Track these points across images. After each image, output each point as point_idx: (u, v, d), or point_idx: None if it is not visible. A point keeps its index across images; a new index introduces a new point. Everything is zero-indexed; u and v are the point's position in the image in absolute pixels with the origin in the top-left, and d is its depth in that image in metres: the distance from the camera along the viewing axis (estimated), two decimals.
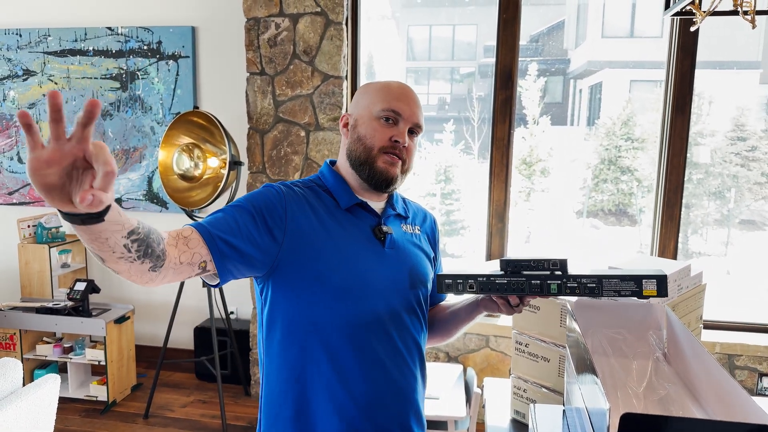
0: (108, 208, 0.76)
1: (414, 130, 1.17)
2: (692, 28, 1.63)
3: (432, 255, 1.28)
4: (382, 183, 1.14)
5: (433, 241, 1.31)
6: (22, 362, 3.02)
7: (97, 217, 0.76)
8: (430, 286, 1.25)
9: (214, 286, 1.06)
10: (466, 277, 1.04)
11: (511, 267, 1.03)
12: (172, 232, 0.97)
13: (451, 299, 1.31)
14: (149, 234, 0.88)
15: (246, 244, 1.02)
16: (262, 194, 1.10)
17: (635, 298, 0.98)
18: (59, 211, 0.74)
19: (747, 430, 0.63)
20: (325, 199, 1.15)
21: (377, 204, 1.20)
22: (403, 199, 1.30)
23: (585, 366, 0.91)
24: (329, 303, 1.08)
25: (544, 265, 1.02)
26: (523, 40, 2.90)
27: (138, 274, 0.89)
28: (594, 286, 0.97)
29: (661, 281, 0.95)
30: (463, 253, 5.42)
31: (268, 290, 1.12)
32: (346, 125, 1.20)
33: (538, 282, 0.99)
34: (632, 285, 0.95)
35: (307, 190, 1.16)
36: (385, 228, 1.16)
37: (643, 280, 0.95)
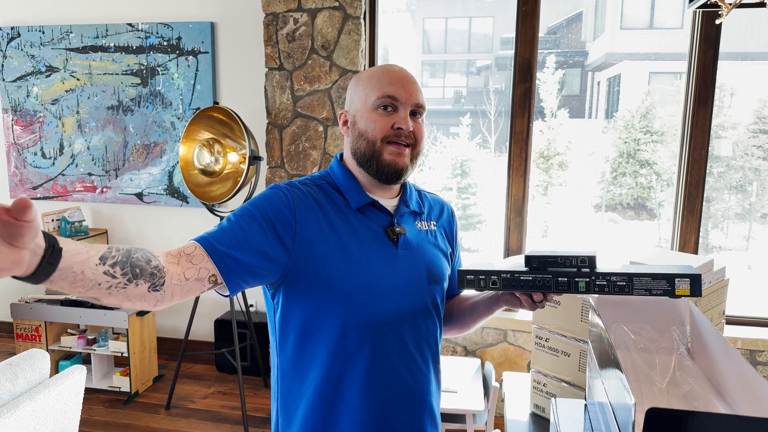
0: (53, 251, 0.71)
1: (416, 111, 1.11)
2: (718, 21, 1.61)
3: (449, 251, 1.24)
4: (393, 175, 1.10)
5: (451, 235, 1.27)
6: (48, 353, 3.09)
7: (51, 267, 0.71)
8: (446, 284, 1.21)
9: (225, 296, 1.03)
10: (489, 273, 1.00)
11: (537, 263, 0.99)
12: (173, 251, 0.93)
13: (470, 291, 1.27)
14: (130, 254, 0.83)
15: (255, 257, 0.99)
16: (269, 199, 1.05)
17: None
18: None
19: None
20: (336, 198, 1.11)
21: (390, 201, 1.16)
22: (419, 192, 1.25)
23: (608, 361, 0.91)
24: (340, 308, 1.05)
25: (572, 262, 0.97)
26: (541, 32, 2.88)
27: (139, 298, 0.85)
28: (624, 285, 0.92)
29: (695, 280, 0.90)
30: (480, 247, 5.40)
31: (279, 296, 1.09)
32: (345, 123, 1.15)
33: (566, 279, 0.95)
34: (664, 284, 0.91)
35: (316, 188, 1.11)
36: (398, 228, 1.11)
37: (676, 279, 0.90)
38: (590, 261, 0.96)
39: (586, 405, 1.22)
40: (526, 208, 2.99)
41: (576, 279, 0.95)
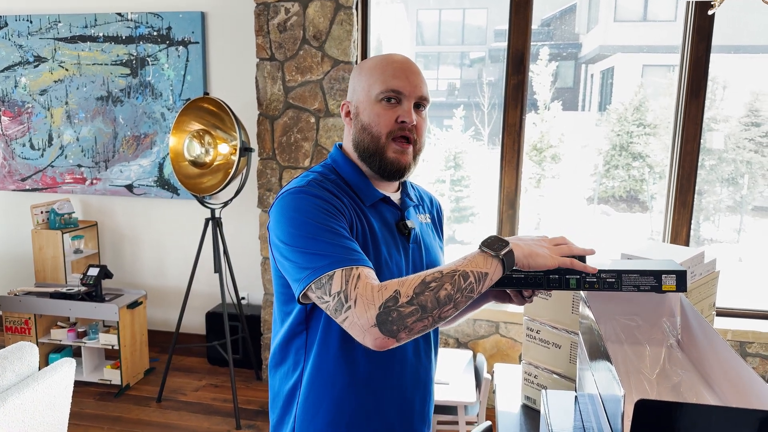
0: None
1: (420, 104, 1.09)
2: (710, 12, 1.60)
3: (441, 243, 1.28)
4: (395, 173, 1.09)
5: (441, 228, 1.30)
6: (38, 346, 3.06)
7: None
8: None
9: None
10: None
11: None
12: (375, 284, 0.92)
13: None
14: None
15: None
16: (314, 200, 1.00)
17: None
18: None
19: (762, 416, 0.63)
20: (350, 193, 1.09)
21: (395, 195, 1.16)
22: (410, 184, 1.25)
23: (598, 352, 0.91)
24: None
25: None
26: (534, 24, 2.86)
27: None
28: (613, 281, 0.96)
29: (681, 276, 0.94)
30: (472, 239, 5.40)
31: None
32: (348, 114, 1.13)
33: (557, 277, 0.97)
34: (651, 280, 0.95)
35: (332, 184, 1.07)
36: (409, 223, 1.13)
37: (663, 276, 0.94)
38: (580, 258, 0.99)
39: (576, 397, 1.22)
40: (518, 201, 2.98)
41: (567, 276, 0.97)
